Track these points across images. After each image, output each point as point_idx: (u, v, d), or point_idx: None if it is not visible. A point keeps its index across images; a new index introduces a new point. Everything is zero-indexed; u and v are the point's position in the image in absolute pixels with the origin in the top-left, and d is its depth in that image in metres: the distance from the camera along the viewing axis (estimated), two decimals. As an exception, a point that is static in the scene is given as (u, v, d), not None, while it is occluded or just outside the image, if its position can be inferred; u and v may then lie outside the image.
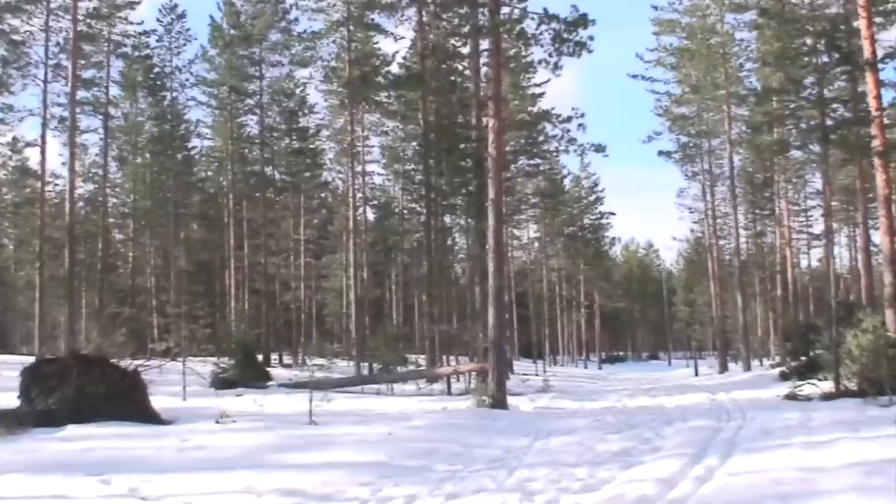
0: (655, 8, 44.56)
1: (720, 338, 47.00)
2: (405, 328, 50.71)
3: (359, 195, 41.60)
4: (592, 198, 69.14)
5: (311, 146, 47.67)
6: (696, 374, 41.78)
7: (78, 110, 36.17)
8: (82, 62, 36.96)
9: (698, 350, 63.95)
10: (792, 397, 18.87)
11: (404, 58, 37.54)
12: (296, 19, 42.52)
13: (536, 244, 69.66)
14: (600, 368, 66.27)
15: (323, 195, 56.29)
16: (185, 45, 45.67)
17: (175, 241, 46.51)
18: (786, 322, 45.86)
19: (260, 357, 31.56)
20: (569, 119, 32.43)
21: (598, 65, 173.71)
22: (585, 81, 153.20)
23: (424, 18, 33.74)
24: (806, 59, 25.41)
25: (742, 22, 40.78)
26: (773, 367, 36.83)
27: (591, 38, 19.62)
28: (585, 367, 67.35)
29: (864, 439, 10.91)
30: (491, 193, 19.69)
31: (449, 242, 48.64)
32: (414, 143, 40.64)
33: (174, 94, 45.87)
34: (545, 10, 19.32)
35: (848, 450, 10.20)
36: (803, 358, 25.44)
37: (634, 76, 45.81)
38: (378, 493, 8.54)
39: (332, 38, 39.81)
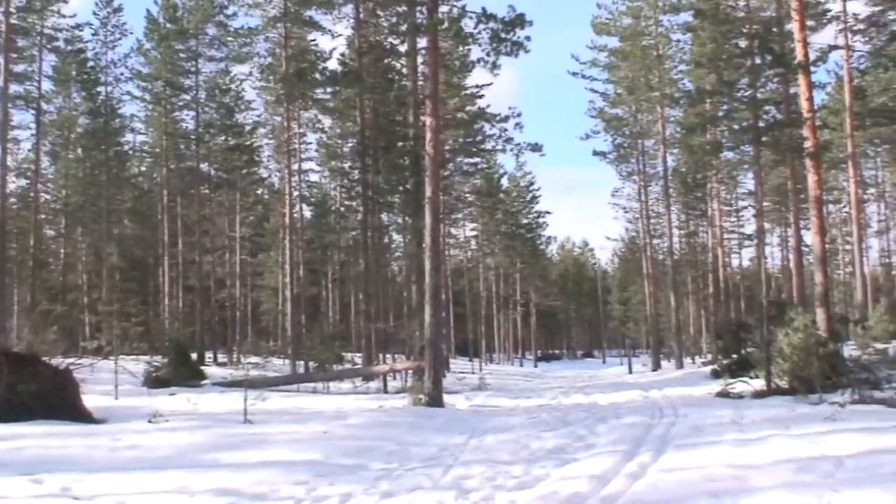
0: (599, 6, 45.06)
1: (653, 336, 47.48)
2: (341, 326, 50.61)
3: (295, 192, 41.34)
4: (529, 197, 69.55)
5: (247, 143, 47.35)
6: (630, 372, 42.16)
7: (10, 105, 35.42)
8: (14, 56, 36.23)
9: (632, 348, 64.83)
10: (724, 395, 19.14)
11: (342, 55, 37.42)
12: (233, 14, 42.25)
13: (473, 243, 69.84)
14: (536, 366, 66.72)
15: (259, 192, 55.93)
16: (120, 39, 45.04)
17: (108, 238, 45.78)
18: (718, 320, 46.55)
19: (194, 356, 31.17)
20: (506, 118, 32.69)
21: (537, 64, 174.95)
22: (524, 81, 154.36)
23: (362, 16, 33.68)
24: (739, 61, 25.77)
25: (676, 24, 41.34)
26: (705, 364, 37.25)
27: (528, 38, 19.72)
28: (521, 365, 67.73)
29: (795, 436, 11.07)
30: (428, 192, 19.70)
31: (386, 240, 48.54)
32: (351, 141, 40.53)
33: (109, 88, 45.18)
34: (483, 9, 19.38)
35: (779, 447, 10.38)
36: (735, 356, 25.76)
37: (574, 73, 46.25)
38: (313, 492, 8.50)
39: (269, 33, 39.58)
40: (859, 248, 36.88)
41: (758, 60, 24.80)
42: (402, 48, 32.37)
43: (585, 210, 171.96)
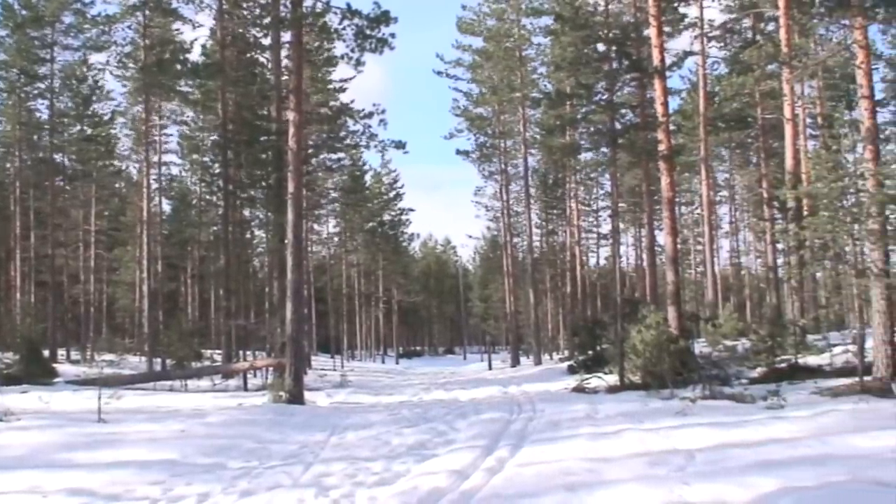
0: (464, 7, 45.37)
1: (513, 332, 48.15)
2: (201, 323, 49.74)
3: (154, 185, 40.39)
4: (392, 194, 69.60)
5: (104, 133, 45.95)
6: (490, 368, 42.62)
7: None
8: None
9: (492, 344, 65.56)
10: (579, 390, 19.63)
11: (203, 46, 36.71)
12: (91, 2, 40.79)
13: (336, 239, 69.49)
14: (398, 363, 66.83)
15: (116, 185, 54.38)
16: (-25, 27, 42.93)
17: (-44, 231, 43.85)
18: (574, 317, 47.54)
19: (46, 353, 30.20)
20: (370, 115, 32.62)
21: (404, 62, 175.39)
22: (391, 78, 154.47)
23: (224, 6, 33.13)
24: (597, 65, 26.35)
25: (538, 27, 41.99)
26: (562, 361, 37.99)
27: (393, 35, 19.87)
28: (383, 362, 67.75)
29: (647, 430, 11.47)
30: (290, 187, 19.61)
31: (247, 236, 47.81)
32: (213, 134, 39.80)
33: (-37, 78, 43.10)
34: (348, 5, 19.41)
35: (632, 440, 10.73)
36: (590, 352, 26.38)
37: (439, 73, 46.49)
38: (169, 492, 8.39)
39: (129, 22, 38.48)
40: (710, 249, 38.18)
41: (615, 65, 25.38)
42: (266, 41, 32.04)
43: (450, 208, 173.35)
